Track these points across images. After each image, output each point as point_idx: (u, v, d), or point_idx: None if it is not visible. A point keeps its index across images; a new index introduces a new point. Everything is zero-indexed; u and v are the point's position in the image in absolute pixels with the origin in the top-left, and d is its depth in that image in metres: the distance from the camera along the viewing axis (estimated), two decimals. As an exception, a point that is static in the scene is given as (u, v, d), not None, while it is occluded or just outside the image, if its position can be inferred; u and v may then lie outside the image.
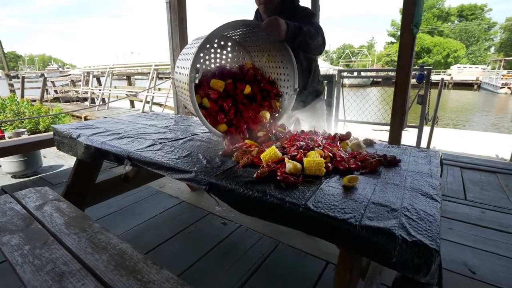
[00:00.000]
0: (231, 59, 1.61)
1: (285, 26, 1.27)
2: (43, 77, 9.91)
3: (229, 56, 1.59)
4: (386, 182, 0.85)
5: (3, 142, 2.72)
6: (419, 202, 0.72)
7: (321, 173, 0.89)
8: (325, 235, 0.66)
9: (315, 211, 0.67)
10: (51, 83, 11.01)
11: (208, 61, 1.57)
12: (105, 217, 2.11)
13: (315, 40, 1.37)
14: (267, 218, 0.76)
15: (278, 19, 1.27)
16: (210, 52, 1.55)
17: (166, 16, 3.79)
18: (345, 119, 4.25)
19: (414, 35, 2.08)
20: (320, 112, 1.86)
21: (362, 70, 15.90)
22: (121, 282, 0.94)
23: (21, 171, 2.89)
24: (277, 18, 1.26)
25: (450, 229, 1.96)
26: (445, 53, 43.96)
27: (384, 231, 0.59)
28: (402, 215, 0.65)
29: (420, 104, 3.44)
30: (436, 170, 0.96)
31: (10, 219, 1.32)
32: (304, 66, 1.67)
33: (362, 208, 0.69)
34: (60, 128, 1.63)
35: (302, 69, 1.65)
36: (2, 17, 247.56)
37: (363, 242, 0.60)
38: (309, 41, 1.34)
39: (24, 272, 0.99)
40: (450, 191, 2.53)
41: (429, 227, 0.61)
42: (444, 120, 12.04)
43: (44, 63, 63.82)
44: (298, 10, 1.56)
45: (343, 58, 60.42)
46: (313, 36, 1.35)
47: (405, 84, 2.24)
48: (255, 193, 0.78)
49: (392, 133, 2.42)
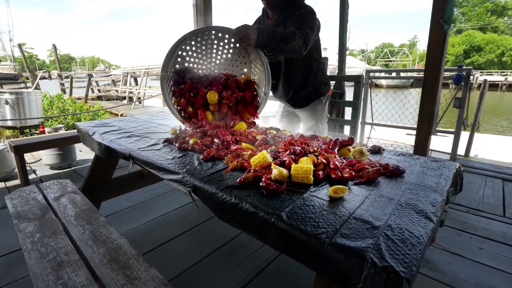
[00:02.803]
0: (231, 55, 1.65)
1: (255, 34, 1.35)
2: (88, 77, 10.82)
3: (230, 52, 1.63)
4: (379, 195, 0.78)
5: (43, 136, 3.01)
6: (408, 220, 0.64)
7: (309, 181, 0.83)
8: (291, 251, 0.61)
9: (287, 222, 0.63)
10: (95, 83, 11.97)
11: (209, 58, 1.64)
12: (123, 211, 2.23)
13: (290, 44, 1.40)
14: (243, 227, 0.72)
15: (248, 27, 1.38)
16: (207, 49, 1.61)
17: (192, 19, 3.91)
18: (372, 122, 4.02)
19: (445, 31, 1.89)
20: (319, 114, 1.86)
21: (394, 70, 14.94)
22: (110, 277, 0.97)
23: (58, 163, 3.17)
24: (246, 27, 1.37)
25: (481, 248, 1.75)
26: (500, 51, 39.64)
27: (354, 252, 0.53)
28: (382, 235, 0.58)
29: (457, 107, 3.13)
30: (444, 184, 0.85)
31: (31, 208, 1.44)
32: (301, 67, 1.70)
33: (340, 223, 0.63)
34: (80, 125, 1.75)
35: (299, 68, 1.69)
36: (60, 22, 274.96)
37: (330, 262, 0.54)
38: (282, 46, 1.40)
39: (30, 258, 1.07)
40: (486, 205, 2.27)
41: (408, 251, 0.53)
42: (489, 126, 10.74)
43: (93, 64, 69.73)
44: (298, 8, 1.57)
45: (381, 57, 57.47)
46: (287, 41, 1.39)
47: (434, 85, 2.04)
48: (232, 199, 0.75)
49: (419, 138, 2.22)
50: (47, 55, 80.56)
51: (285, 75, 1.73)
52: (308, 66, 1.71)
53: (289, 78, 1.73)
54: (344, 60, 4.44)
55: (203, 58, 1.61)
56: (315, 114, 1.85)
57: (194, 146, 1.16)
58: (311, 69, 1.72)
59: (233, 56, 1.62)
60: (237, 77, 1.56)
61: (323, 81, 1.82)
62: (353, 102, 3.91)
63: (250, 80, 1.54)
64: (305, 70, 1.71)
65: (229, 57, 1.63)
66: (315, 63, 1.74)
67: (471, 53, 40.48)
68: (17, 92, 4.67)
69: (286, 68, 1.70)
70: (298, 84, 1.74)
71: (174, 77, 1.49)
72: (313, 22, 1.52)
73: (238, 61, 1.65)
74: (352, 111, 3.96)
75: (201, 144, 1.16)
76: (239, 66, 1.66)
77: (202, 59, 1.61)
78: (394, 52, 59.19)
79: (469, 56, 40.15)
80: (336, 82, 4.57)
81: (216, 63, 1.64)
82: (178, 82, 1.49)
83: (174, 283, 1.51)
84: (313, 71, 1.74)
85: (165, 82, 1.47)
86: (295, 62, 1.67)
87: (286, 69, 1.71)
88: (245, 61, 1.65)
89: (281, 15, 1.61)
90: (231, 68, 1.65)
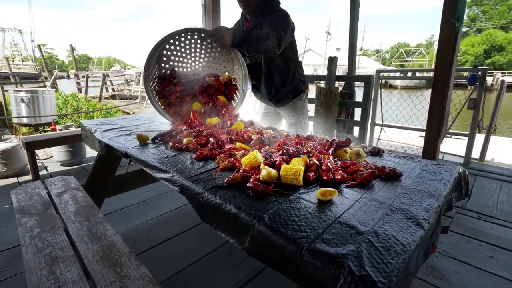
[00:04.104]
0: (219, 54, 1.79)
1: (230, 35, 1.51)
2: (102, 77, 11.11)
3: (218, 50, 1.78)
4: (371, 199, 0.74)
5: (53, 134, 3.10)
6: (397, 226, 0.60)
7: (298, 182, 0.80)
8: (268, 257, 0.58)
9: (268, 224, 0.61)
10: (109, 82, 12.27)
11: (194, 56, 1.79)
12: (127, 208, 2.26)
13: (264, 44, 1.53)
14: (223, 229, 0.70)
15: (223, 29, 1.53)
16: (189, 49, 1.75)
17: (201, 19, 3.93)
18: (382, 123, 3.91)
19: (457, 30, 1.80)
20: (300, 110, 1.99)
21: (405, 70, 14.52)
22: (101, 274, 0.97)
23: (68, 160, 3.25)
24: (220, 29, 1.53)
25: (491, 257, 1.66)
26: (523, 51, 37.87)
27: (332, 259, 0.50)
28: (365, 241, 0.55)
29: (472, 109, 3.00)
30: (443, 189, 0.80)
31: (34, 203, 1.47)
32: (280, 66, 1.82)
33: (323, 227, 0.60)
34: (84, 123, 1.78)
35: (278, 68, 1.82)
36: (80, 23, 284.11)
37: (306, 269, 0.51)
38: (256, 46, 1.54)
39: (26, 252, 1.09)
40: (500, 212, 2.16)
41: (391, 260, 0.50)
42: (506, 129, 10.15)
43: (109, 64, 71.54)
44: (273, 11, 1.71)
45: (396, 57, 56.15)
46: (261, 41, 1.52)
47: (444, 86, 1.95)
48: (217, 199, 0.73)
49: (428, 141, 2.14)
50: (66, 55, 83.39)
51: (266, 75, 1.86)
52: (286, 65, 1.84)
53: (270, 78, 1.87)
54: (354, 60, 4.34)
55: (187, 57, 1.76)
56: (296, 110, 1.98)
57: (189, 145, 1.15)
58: (289, 68, 1.86)
59: (215, 54, 1.77)
60: (219, 76, 1.71)
61: (301, 79, 1.96)
62: (363, 102, 3.82)
63: (230, 81, 1.70)
64: (284, 69, 1.85)
65: (212, 55, 1.77)
66: (292, 62, 1.87)
67: (492, 53, 38.88)
68: (32, 90, 4.84)
69: (267, 68, 1.84)
70: (278, 83, 1.87)
71: (159, 81, 1.67)
72: (286, 24, 1.64)
73: (221, 59, 1.79)
74: (361, 112, 3.87)
75: (196, 143, 1.16)
76: (222, 64, 1.81)
77: (187, 57, 1.76)
78: (410, 52, 57.68)
79: (489, 56, 38.57)
80: (346, 82, 4.49)
81: (200, 61, 1.79)
82: (163, 85, 1.66)
83: (171, 282, 1.52)
84: (291, 69, 1.87)
85: (149, 82, 1.59)
86: (274, 62, 1.80)
87: (267, 69, 1.84)
88: (227, 59, 1.79)
89: (258, 18, 1.74)
90: (215, 66, 1.80)
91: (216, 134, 1.23)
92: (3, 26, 39.34)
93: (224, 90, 1.69)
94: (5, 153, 2.85)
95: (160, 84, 1.66)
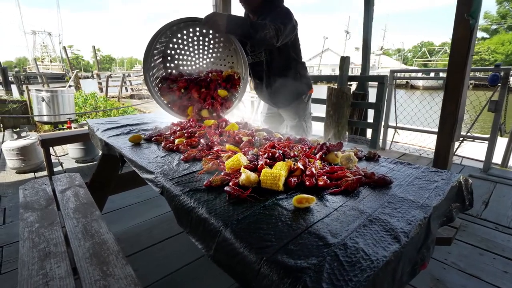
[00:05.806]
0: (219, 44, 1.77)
1: (224, 20, 1.42)
2: (122, 77, 11.48)
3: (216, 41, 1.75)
4: (352, 207, 0.70)
5: (68, 132, 3.23)
6: (370, 239, 0.56)
7: (278, 187, 0.77)
8: (229, 265, 0.56)
9: (234, 231, 0.58)
10: (128, 82, 12.66)
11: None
12: (132, 206, 2.31)
13: (261, 32, 1.43)
14: (195, 234, 0.69)
15: (216, 14, 1.46)
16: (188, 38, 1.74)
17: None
18: (396, 125, 3.76)
19: (472, 27, 1.69)
20: (302, 112, 1.94)
21: (420, 70, 13.90)
22: (88, 271, 0.99)
23: (82, 157, 3.38)
24: (214, 14, 1.45)
25: (505, 272, 1.55)
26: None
27: (290, 272, 0.47)
28: (331, 254, 0.51)
29: (493, 111, 2.81)
30: (435, 200, 0.75)
31: (38, 199, 1.53)
32: (280, 66, 1.77)
33: (291, 237, 0.57)
34: (90, 122, 1.83)
35: (279, 68, 1.77)
36: (104, 25, 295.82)
37: (261, 282, 0.49)
38: (253, 34, 1.43)
39: (23, 247, 1.13)
40: (518, 223, 2.00)
41: (353, 277, 0.46)
42: None
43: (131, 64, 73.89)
44: (274, 8, 1.67)
45: (418, 57, 54.04)
46: (258, 29, 1.43)
47: (457, 86, 1.84)
48: (191, 203, 0.72)
49: (440, 144, 2.02)
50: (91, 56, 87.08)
51: (267, 74, 1.82)
52: (287, 65, 1.79)
53: (272, 77, 1.82)
54: (368, 59, 4.22)
55: (191, 55, 1.77)
56: (298, 112, 1.93)
57: (179, 146, 1.15)
58: (290, 67, 1.80)
59: (218, 50, 1.75)
60: (221, 72, 1.69)
61: (304, 80, 1.89)
62: (376, 103, 3.69)
63: (232, 75, 1.66)
64: (284, 69, 1.80)
65: (215, 50, 1.75)
66: (294, 62, 1.81)
67: (521, 51, 36.48)
68: (52, 90, 5.09)
69: (267, 67, 1.80)
70: (280, 83, 1.81)
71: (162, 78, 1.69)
72: (286, 18, 1.58)
73: (224, 54, 1.76)
74: (374, 113, 3.74)
75: (186, 144, 1.15)
76: (226, 59, 1.77)
77: (191, 55, 1.76)
78: (435, 51, 55.29)
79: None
80: (359, 82, 4.36)
81: (204, 58, 1.78)
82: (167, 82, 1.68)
83: (168, 281, 1.53)
84: (293, 69, 1.81)
85: (148, 76, 1.60)
86: (274, 61, 1.76)
87: (267, 68, 1.80)
88: (231, 54, 1.74)
89: (260, 17, 1.71)
90: (219, 62, 1.78)
91: (209, 135, 1.22)
92: (34, 29, 41.71)
93: (226, 85, 1.66)
94: (23, 149, 3.00)
95: (164, 83, 1.69)
